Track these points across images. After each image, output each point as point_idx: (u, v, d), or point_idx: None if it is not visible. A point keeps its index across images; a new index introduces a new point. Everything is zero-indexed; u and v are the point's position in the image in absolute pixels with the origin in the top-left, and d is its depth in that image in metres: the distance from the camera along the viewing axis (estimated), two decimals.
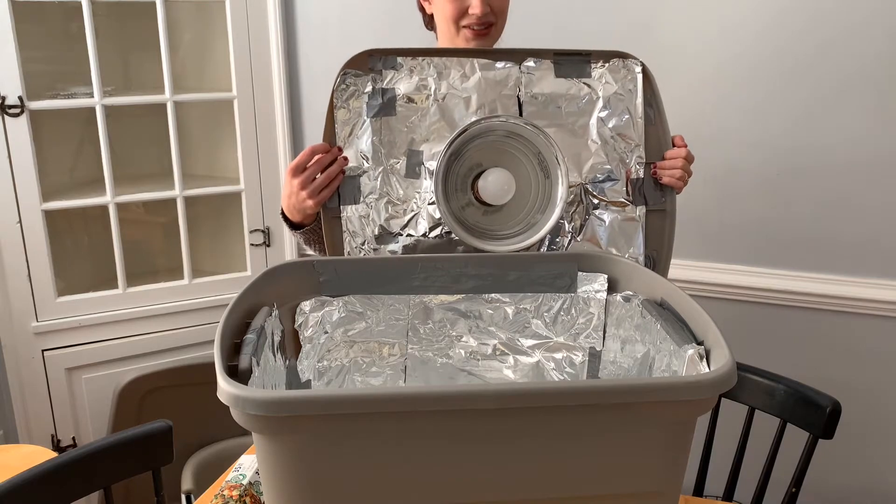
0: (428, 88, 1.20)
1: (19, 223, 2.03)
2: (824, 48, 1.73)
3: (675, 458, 0.78)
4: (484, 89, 1.21)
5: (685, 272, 1.93)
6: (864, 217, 1.79)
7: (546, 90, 1.22)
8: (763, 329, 1.93)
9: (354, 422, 0.70)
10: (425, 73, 1.20)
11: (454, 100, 1.21)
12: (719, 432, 1.48)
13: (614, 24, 1.89)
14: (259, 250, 2.32)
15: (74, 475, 1.16)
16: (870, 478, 1.95)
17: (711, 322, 0.84)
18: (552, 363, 1.11)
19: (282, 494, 0.75)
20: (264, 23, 2.16)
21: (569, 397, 0.72)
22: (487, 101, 1.21)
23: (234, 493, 1.16)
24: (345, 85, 1.19)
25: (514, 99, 1.22)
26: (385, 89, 1.19)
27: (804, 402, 1.35)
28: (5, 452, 1.82)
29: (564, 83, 1.22)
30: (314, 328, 1.05)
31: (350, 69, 1.19)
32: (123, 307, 2.18)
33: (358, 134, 1.20)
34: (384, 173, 1.20)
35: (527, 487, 0.76)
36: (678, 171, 1.23)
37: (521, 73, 1.22)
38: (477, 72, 1.21)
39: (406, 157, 1.20)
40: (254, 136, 2.24)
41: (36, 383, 2.13)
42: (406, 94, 1.20)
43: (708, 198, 1.89)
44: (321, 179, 1.18)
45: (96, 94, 2.02)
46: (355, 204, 1.20)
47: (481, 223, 1.21)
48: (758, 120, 1.83)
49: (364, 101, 1.20)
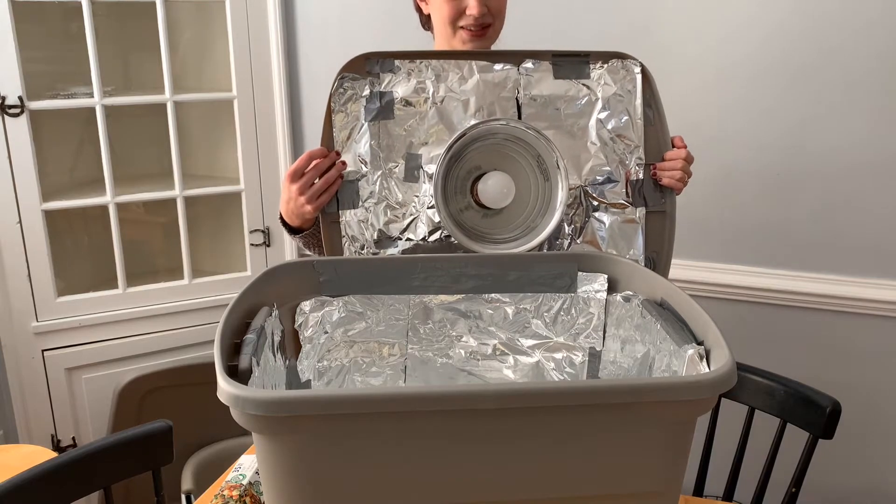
0: (426, 91, 1.20)
1: (19, 223, 2.03)
2: (828, 51, 1.73)
3: (675, 458, 0.78)
4: (482, 91, 1.20)
5: (685, 272, 1.93)
6: (864, 218, 1.79)
7: (545, 92, 1.22)
8: (763, 329, 1.93)
9: (354, 422, 0.70)
10: (423, 75, 1.19)
11: (452, 102, 1.20)
12: (719, 432, 1.48)
13: (614, 26, 1.89)
14: (259, 250, 2.32)
15: (74, 475, 1.16)
16: (870, 478, 1.95)
17: (711, 322, 0.84)
18: (552, 363, 1.11)
19: (282, 494, 0.75)
20: (264, 23, 2.16)
21: (569, 397, 0.72)
22: (486, 104, 1.20)
23: (234, 493, 1.16)
24: (342, 89, 1.18)
25: (512, 101, 1.21)
26: (383, 93, 1.19)
27: (804, 402, 1.35)
28: (5, 452, 1.82)
29: (563, 84, 1.22)
30: (314, 328, 1.05)
31: (347, 73, 1.18)
32: (123, 307, 2.18)
33: (356, 138, 1.20)
34: (383, 177, 1.20)
35: (527, 487, 0.76)
36: (678, 173, 1.23)
37: (519, 74, 1.21)
38: (475, 74, 1.20)
39: (405, 161, 1.20)
40: (254, 136, 2.24)
41: (36, 383, 2.13)
42: (404, 98, 1.19)
43: (708, 198, 1.89)
44: (320, 184, 1.17)
45: (96, 94, 2.02)
46: (354, 208, 1.20)
47: (481, 226, 1.20)
48: (760, 122, 1.83)
49: (362, 104, 1.19)
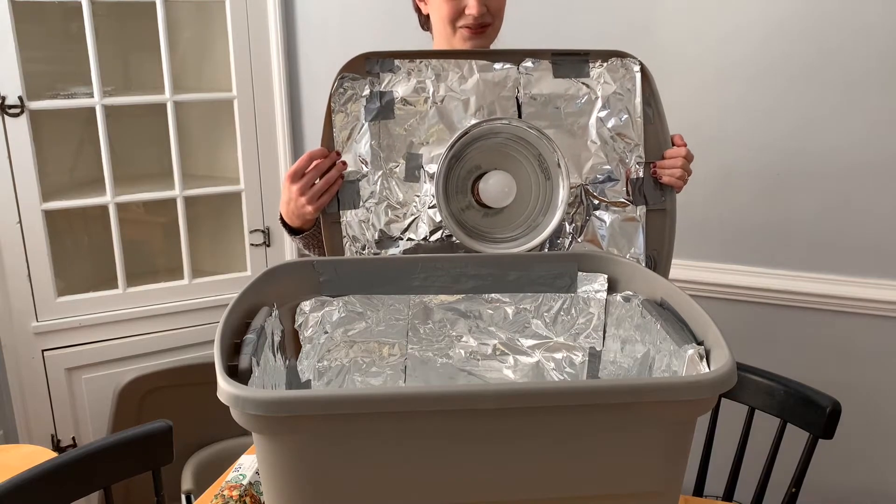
0: (426, 91, 1.20)
1: (19, 223, 2.03)
2: (828, 51, 1.73)
3: (675, 458, 0.78)
4: (482, 91, 1.20)
5: (685, 272, 1.93)
6: (864, 218, 1.79)
7: (545, 91, 1.22)
8: (763, 329, 1.93)
9: (354, 422, 0.70)
10: (423, 75, 1.19)
11: (453, 102, 1.20)
12: (719, 432, 1.48)
13: (613, 26, 1.89)
14: (259, 250, 2.32)
15: (74, 475, 1.16)
16: (870, 478, 1.95)
17: (711, 322, 0.84)
18: (552, 363, 1.11)
19: (282, 494, 0.75)
20: (264, 23, 2.16)
21: (569, 397, 0.72)
22: (486, 103, 1.20)
23: (234, 493, 1.16)
24: (342, 89, 1.18)
25: (512, 100, 1.21)
26: (383, 92, 1.19)
27: (804, 402, 1.35)
28: (5, 452, 1.82)
29: (563, 83, 1.22)
30: (314, 328, 1.05)
31: (347, 73, 1.18)
32: (123, 307, 2.18)
33: (356, 138, 1.20)
34: (383, 177, 1.20)
35: (527, 487, 0.76)
36: (678, 171, 1.23)
37: (519, 73, 1.21)
38: (475, 73, 1.20)
39: (405, 161, 1.20)
40: (254, 136, 2.24)
41: (36, 383, 2.13)
42: (404, 97, 1.19)
43: (708, 198, 1.89)
44: (320, 185, 1.17)
45: (96, 94, 2.02)
46: (355, 208, 1.20)
47: (482, 226, 1.20)
48: (760, 122, 1.83)
49: (362, 104, 1.19)
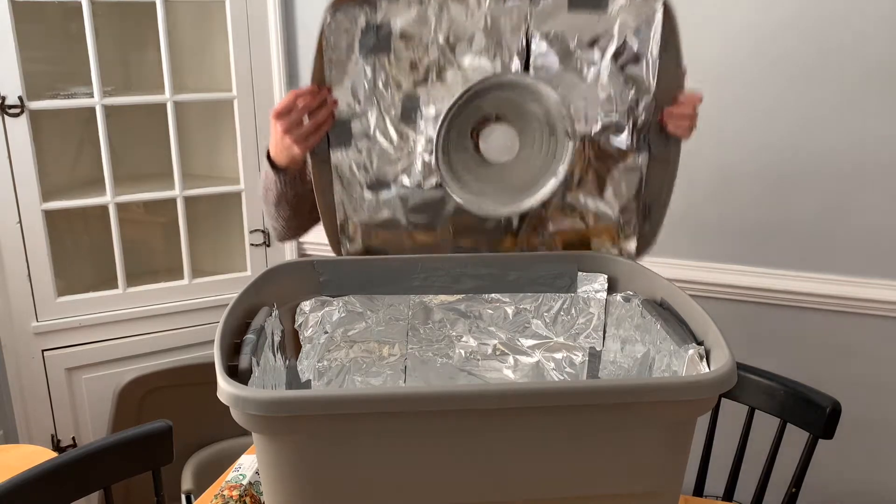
0: (427, 24, 1.07)
1: (19, 223, 2.02)
2: (828, 51, 1.73)
3: (675, 458, 0.78)
4: (490, 26, 1.08)
5: (685, 272, 1.93)
6: (864, 218, 1.79)
7: (557, 28, 1.10)
8: (763, 329, 1.93)
9: (354, 422, 0.70)
10: (425, 4, 1.07)
11: (456, 38, 1.08)
12: (719, 432, 1.48)
13: None
14: (259, 250, 2.32)
15: (74, 475, 1.16)
16: (870, 478, 1.95)
17: (711, 322, 0.84)
18: (552, 363, 1.11)
19: (282, 494, 0.75)
20: (264, 23, 2.16)
21: (569, 397, 0.72)
22: (493, 42, 1.09)
23: (234, 493, 1.16)
24: (335, 20, 1.06)
25: (522, 37, 1.10)
26: (379, 25, 1.07)
27: (804, 402, 1.35)
28: (5, 452, 1.82)
29: (578, 20, 1.10)
30: (314, 328, 1.05)
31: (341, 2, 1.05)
32: (123, 307, 2.18)
33: (349, 73, 1.09)
34: (378, 117, 1.11)
35: (527, 487, 0.76)
36: (686, 121, 1.14)
37: (532, 5, 1.09)
38: (483, 5, 1.08)
39: (401, 101, 1.11)
40: (254, 136, 2.24)
41: (36, 383, 2.13)
42: (403, 30, 1.07)
43: (708, 198, 1.89)
44: (309, 126, 1.09)
45: (96, 94, 2.02)
46: (346, 147, 1.11)
47: (479, 180, 1.13)
48: (760, 122, 1.82)
49: (356, 37, 1.07)
